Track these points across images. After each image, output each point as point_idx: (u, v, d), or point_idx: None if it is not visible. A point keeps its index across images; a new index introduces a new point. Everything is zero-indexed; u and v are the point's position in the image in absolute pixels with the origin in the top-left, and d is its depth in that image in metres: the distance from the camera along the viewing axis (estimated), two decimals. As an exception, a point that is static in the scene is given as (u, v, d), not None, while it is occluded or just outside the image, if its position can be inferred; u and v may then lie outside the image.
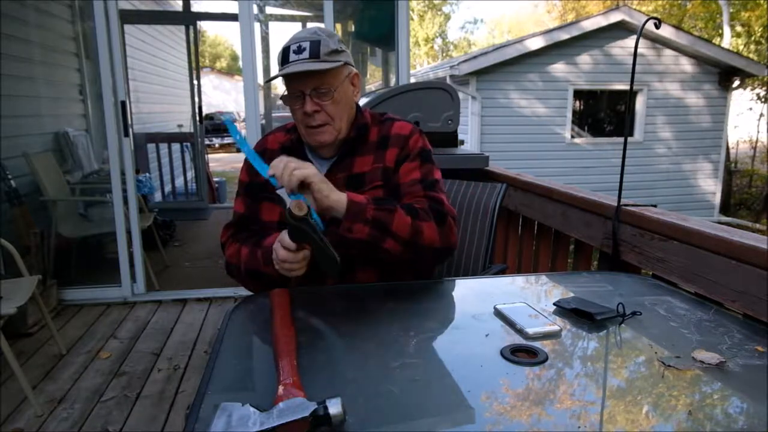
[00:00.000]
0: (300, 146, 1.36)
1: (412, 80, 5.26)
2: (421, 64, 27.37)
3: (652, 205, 1.64)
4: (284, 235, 1.08)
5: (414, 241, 1.18)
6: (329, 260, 1.02)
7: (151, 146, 6.33)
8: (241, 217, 1.37)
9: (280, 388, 0.74)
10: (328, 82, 1.24)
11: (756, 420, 0.72)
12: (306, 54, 1.21)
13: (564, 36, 8.61)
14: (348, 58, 1.28)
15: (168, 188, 6.81)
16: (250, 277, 1.29)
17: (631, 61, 1.65)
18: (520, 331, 0.96)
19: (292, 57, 1.22)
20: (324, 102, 1.24)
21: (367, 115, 1.39)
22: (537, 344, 0.91)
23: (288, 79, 1.24)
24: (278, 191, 1.07)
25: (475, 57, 8.73)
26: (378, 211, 1.15)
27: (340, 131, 1.29)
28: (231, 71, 29.34)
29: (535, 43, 8.55)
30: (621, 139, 4.67)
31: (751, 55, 13.39)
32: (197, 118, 6.54)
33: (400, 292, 1.25)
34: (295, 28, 5.60)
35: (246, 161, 1.44)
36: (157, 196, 6.54)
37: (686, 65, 8.98)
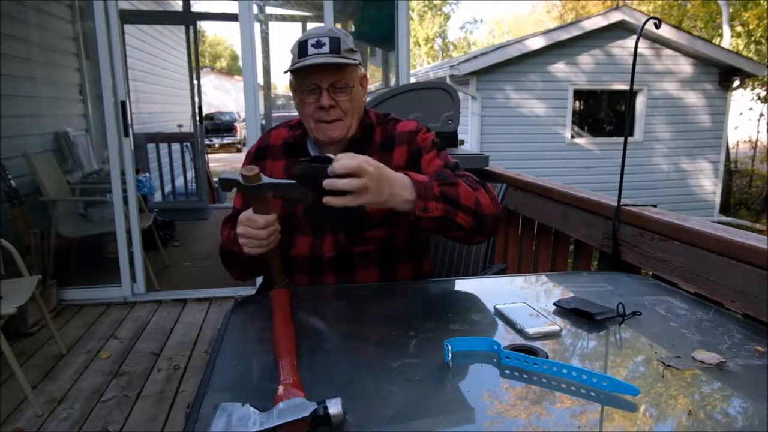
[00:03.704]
0: (303, 143, 1.36)
1: (412, 80, 5.25)
2: (421, 64, 27.37)
3: (652, 205, 1.64)
4: (249, 214, 1.08)
5: (478, 211, 1.17)
6: (297, 188, 1.02)
7: (151, 146, 6.33)
8: (238, 211, 1.38)
9: (280, 388, 0.74)
10: (345, 78, 1.25)
11: (756, 420, 0.72)
12: (326, 49, 1.21)
13: (564, 36, 8.62)
14: (360, 58, 1.30)
15: (168, 188, 6.81)
16: (225, 258, 1.31)
17: (631, 61, 1.65)
18: (520, 331, 0.96)
19: (311, 51, 1.22)
20: (340, 98, 1.25)
21: (372, 115, 1.40)
22: (537, 344, 0.91)
23: (305, 72, 1.23)
24: (223, 176, 1.09)
25: (475, 57, 8.73)
26: (443, 186, 1.13)
27: (350, 129, 1.30)
28: (231, 71, 29.34)
29: (535, 43, 8.55)
30: (621, 139, 4.67)
31: (751, 55, 13.39)
32: (197, 118, 6.54)
33: (400, 292, 1.24)
34: (295, 28, 5.60)
35: (247, 156, 1.45)
36: (157, 196, 6.53)
37: (686, 65, 8.98)
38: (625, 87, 8.90)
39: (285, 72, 1.26)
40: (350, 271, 1.28)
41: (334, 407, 0.67)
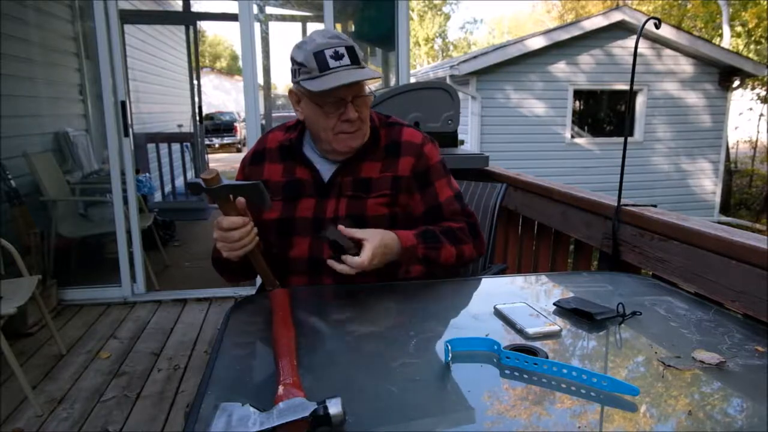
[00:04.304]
0: (299, 147, 1.34)
1: (412, 80, 5.25)
2: (421, 64, 27.36)
3: (652, 205, 1.64)
4: (221, 220, 1.10)
5: (457, 263, 1.31)
6: (254, 189, 1.08)
7: (151, 146, 6.33)
8: None
9: (280, 388, 0.74)
10: (365, 88, 1.25)
11: (756, 420, 0.72)
12: (347, 60, 1.20)
13: (564, 36, 8.61)
14: None
15: (168, 188, 6.81)
16: (216, 263, 1.31)
17: (631, 61, 1.65)
18: (520, 331, 0.96)
19: (333, 63, 1.19)
20: (361, 108, 1.25)
21: (375, 117, 1.38)
22: (537, 344, 0.91)
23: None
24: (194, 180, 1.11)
25: (475, 57, 8.73)
26: (427, 250, 1.24)
27: (366, 135, 1.30)
28: (231, 71, 29.34)
29: (536, 43, 8.55)
30: (621, 139, 4.68)
31: (751, 55, 13.39)
32: (197, 118, 6.54)
33: (400, 292, 1.25)
34: (295, 28, 5.60)
35: (243, 161, 1.44)
36: (157, 196, 6.54)
37: (686, 65, 8.98)
38: (625, 87, 8.90)
39: (317, 90, 1.18)
40: (349, 274, 1.27)
41: (334, 407, 0.67)
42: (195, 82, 6.83)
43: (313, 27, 5.32)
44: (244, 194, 1.12)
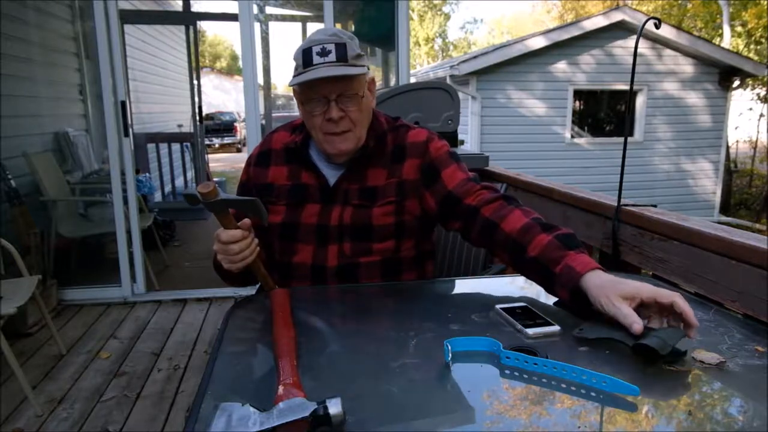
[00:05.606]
0: (304, 149, 1.32)
1: (412, 80, 5.25)
2: (421, 64, 27.37)
3: (652, 205, 1.64)
4: (220, 233, 1.09)
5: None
6: (251, 204, 1.07)
7: (151, 146, 6.33)
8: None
9: (280, 388, 0.74)
10: (354, 87, 1.19)
11: (756, 420, 0.72)
12: (332, 57, 1.16)
13: (564, 36, 8.62)
14: (367, 62, 1.24)
15: (168, 188, 6.80)
16: (217, 269, 1.28)
17: (632, 61, 1.65)
18: (520, 331, 0.96)
19: (317, 59, 1.16)
20: (349, 108, 1.20)
21: (383, 120, 1.35)
22: (537, 344, 0.91)
23: (312, 83, 1.16)
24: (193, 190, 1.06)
25: (475, 57, 8.74)
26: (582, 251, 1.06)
27: (361, 139, 1.25)
28: (231, 71, 29.35)
29: (536, 43, 8.55)
30: (621, 139, 4.68)
31: (751, 55, 13.39)
32: (197, 118, 6.54)
33: (400, 292, 1.24)
34: (295, 28, 5.60)
35: (248, 161, 1.42)
36: (157, 196, 6.53)
37: (686, 65, 8.98)
38: (626, 87, 8.90)
39: (290, 85, 1.20)
40: (353, 280, 1.26)
41: (334, 407, 0.67)
42: (195, 82, 6.83)
43: (313, 27, 5.33)
44: (241, 209, 1.11)
